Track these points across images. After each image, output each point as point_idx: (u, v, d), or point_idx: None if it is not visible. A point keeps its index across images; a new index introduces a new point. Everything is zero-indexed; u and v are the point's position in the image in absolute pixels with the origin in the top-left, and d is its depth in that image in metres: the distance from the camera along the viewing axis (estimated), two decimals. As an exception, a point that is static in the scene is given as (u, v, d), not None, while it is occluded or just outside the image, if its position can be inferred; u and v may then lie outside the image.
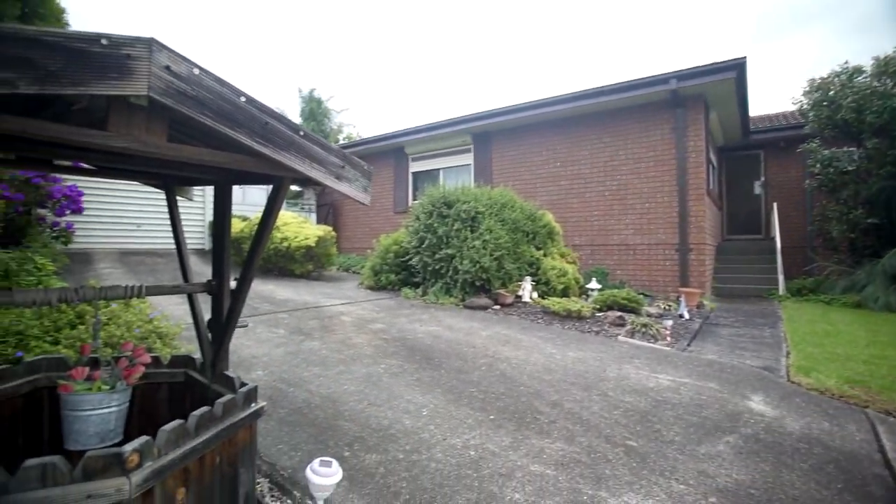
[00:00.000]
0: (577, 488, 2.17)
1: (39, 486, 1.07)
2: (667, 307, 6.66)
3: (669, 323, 5.39)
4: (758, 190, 11.86)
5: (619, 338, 5.07)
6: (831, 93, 9.03)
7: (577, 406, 3.13)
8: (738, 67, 7.48)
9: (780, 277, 8.80)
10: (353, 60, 57.53)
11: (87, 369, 1.55)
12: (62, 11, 2.73)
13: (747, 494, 2.15)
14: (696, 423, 2.91)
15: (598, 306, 6.48)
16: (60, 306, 3.44)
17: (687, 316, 6.32)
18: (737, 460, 2.46)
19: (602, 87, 8.55)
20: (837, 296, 8.00)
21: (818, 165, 9.20)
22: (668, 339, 5.07)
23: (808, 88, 9.51)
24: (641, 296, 6.93)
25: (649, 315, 6.19)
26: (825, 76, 9.32)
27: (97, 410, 1.52)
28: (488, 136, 10.77)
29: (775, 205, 10.52)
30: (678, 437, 2.70)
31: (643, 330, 5.18)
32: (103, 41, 0.89)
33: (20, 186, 5.99)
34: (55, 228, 7.27)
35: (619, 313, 5.92)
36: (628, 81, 8.28)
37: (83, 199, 7.31)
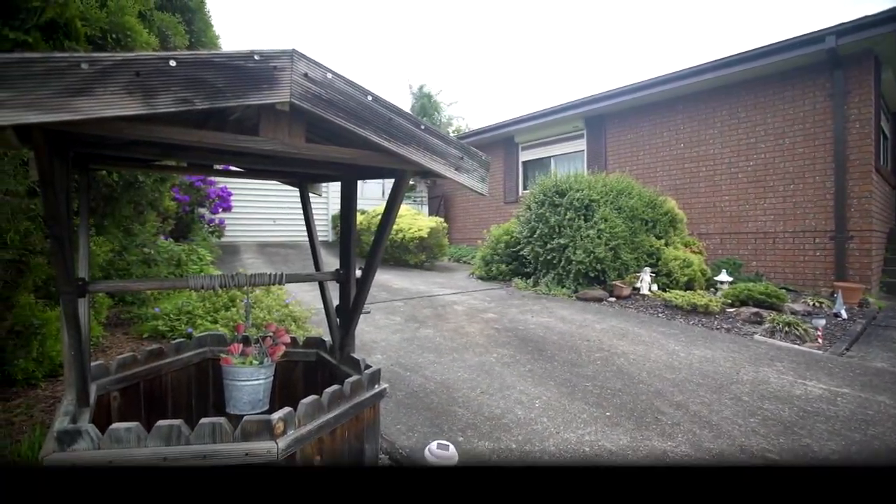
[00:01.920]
0: (707, 499, 1.99)
1: (211, 441, 1.27)
2: (817, 304, 5.76)
3: (821, 322, 4.65)
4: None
5: (756, 337, 4.51)
6: None
7: (704, 409, 2.86)
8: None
9: (981, 271, 7.11)
10: (460, 52, 58.26)
11: (241, 345, 1.80)
12: (217, 38, 3.17)
13: (933, 531, 1.79)
14: (860, 441, 2.49)
15: (728, 301, 5.84)
16: (218, 290, 4.03)
17: (845, 315, 5.41)
18: (917, 489, 2.05)
19: (740, 53, 7.53)
20: None
21: None
22: (820, 340, 4.39)
23: None
24: (783, 290, 6.09)
25: (793, 312, 5.42)
26: None
27: (249, 382, 1.75)
28: (602, 119, 10.20)
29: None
30: (834, 456, 2.34)
31: (786, 329, 4.55)
32: (256, 56, 1.01)
33: (186, 189, 7.12)
34: (210, 224, 8.51)
35: (754, 309, 5.28)
36: (771, 45, 7.19)
37: (231, 198, 8.47)
